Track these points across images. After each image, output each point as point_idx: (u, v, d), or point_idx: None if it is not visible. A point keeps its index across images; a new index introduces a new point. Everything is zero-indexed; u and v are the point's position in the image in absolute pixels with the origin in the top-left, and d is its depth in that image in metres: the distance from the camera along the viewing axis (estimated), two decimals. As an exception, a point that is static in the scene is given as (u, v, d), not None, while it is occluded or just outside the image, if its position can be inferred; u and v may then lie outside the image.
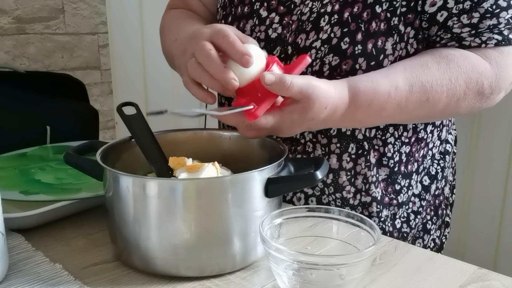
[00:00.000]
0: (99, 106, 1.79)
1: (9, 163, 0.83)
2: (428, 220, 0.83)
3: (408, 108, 0.65)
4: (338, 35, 0.68)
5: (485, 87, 0.66)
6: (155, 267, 0.54)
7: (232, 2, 0.80)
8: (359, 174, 0.74)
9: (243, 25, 0.78)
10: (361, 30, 0.67)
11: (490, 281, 0.54)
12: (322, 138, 0.74)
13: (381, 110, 0.64)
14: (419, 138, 0.77)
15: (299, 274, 0.48)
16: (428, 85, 0.64)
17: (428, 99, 0.64)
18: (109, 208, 0.57)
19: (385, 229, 0.77)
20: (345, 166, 0.74)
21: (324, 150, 0.74)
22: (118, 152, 0.65)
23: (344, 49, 0.68)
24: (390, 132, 0.74)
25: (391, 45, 0.67)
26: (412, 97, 0.64)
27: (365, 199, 0.75)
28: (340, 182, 0.75)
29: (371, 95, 0.63)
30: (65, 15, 1.66)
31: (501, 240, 1.12)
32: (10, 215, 0.62)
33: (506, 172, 1.09)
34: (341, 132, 0.73)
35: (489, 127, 1.10)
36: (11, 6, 1.53)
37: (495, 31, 0.65)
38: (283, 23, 0.74)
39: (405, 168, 0.76)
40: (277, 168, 0.57)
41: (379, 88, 0.63)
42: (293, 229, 0.56)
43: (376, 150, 0.74)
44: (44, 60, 1.63)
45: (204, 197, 0.53)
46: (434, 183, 0.82)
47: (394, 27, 0.67)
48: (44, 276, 0.54)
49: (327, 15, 0.69)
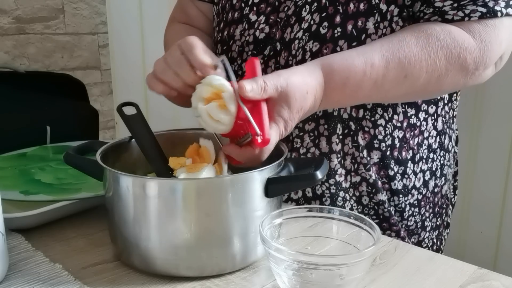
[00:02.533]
0: (99, 106, 1.79)
1: (9, 163, 0.83)
2: (427, 218, 0.83)
3: (385, 87, 0.63)
4: (317, 21, 0.68)
5: (468, 62, 0.64)
6: (155, 267, 0.54)
7: (224, 9, 0.81)
8: (347, 155, 0.74)
9: (233, 30, 0.78)
10: (339, 12, 0.67)
11: (490, 281, 0.54)
12: (309, 124, 0.74)
13: (358, 89, 0.63)
14: (411, 124, 0.76)
15: (299, 274, 0.48)
16: (405, 61, 0.62)
17: (406, 76, 0.63)
18: (109, 208, 0.57)
19: (378, 212, 0.77)
20: (334, 148, 0.74)
21: (313, 134, 0.74)
22: (118, 152, 0.65)
23: (324, 33, 0.68)
24: (379, 114, 0.73)
25: (373, 24, 0.66)
26: (389, 74, 0.62)
27: (355, 179, 0.75)
28: (332, 166, 0.74)
29: (346, 74, 0.62)
30: (65, 15, 1.66)
31: (501, 240, 1.12)
32: (10, 215, 0.62)
33: (506, 172, 1.09)
34: (327, 113, 0.73)
35: (489, 127, 1.10)
36: (11, 6, 1.53)
37: (479, 3, 0.62)
38: (269, 22, 0.74)
39: (398, 153, 0.76)
40: (277, 168, 0.57)
41: (354, 66, 0.62)
42: (293, 229, 0.56)
43: (366, 132, 0.74)
44: (44, 60, 1.63)
45: (204, 197, 0.53)
46: (433, 180, 0.82)
47: (375, 6, 0.66)
48: (44, 276, 0.54)
49: (308, 5, 0.70)
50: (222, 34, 0.81)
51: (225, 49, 0.80)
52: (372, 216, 0.78)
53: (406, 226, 0.80)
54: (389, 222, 0.78)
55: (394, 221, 0.78)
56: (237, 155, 0.59)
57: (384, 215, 0.77)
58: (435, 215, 0.84)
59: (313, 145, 0.75)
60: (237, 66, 0.79)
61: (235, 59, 0.79)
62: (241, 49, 0.78)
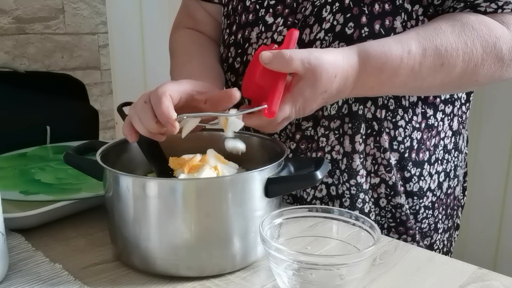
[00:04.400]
0: (99, 106, 1.79)
1: (9, 163, 0.83)
2: (439, 220, 0.82)
3: (422, 74, 0.63)
4: (341, 22, 0.67)
5: (504, 53, 0.63)
6: (155, 267, 0.54)
7: (236, 11, 0.79)
8: (368, 155, 0.74)
9: (248, 33, 0.76)
10: (365, 13, 0.66)
11: (490, 281, 0.54)
12: (334, 122, 0.73)
13: (394, 75, 0.62)
14: (429, 125, 0.75)
15: (299, 274, 0.48)
16: (442, 49, 0.61)
17: (443, 64, 0.62)
18: (109, 208, 0.57)
19: (396, 215, 0.76)
20: (357, 148, 0.73)
21: (338, 132, 0.73)
22: (118, 152, 0.65)
23: (350, 34, 0.67)
24: (400, 115, 0.72)
25: (400, 23, 0.66)
26: (426, 61, 0.62)
27: (374, 180, 0.75)
28: (354, 167, 0.74)
29: (383, 59, 0.61)
30: (65, 15, 1.66)
31: (501, 240, 1.12)
32: (10, 215, 0.62)
33: (506, 172, 1.09)
34: (352, 111, 0.72)
35: (489, 127, 1.10)
36: (11, 6, 1.53)
37: None
38: (288, 24, 0.73)
39: (416, 155, 0.75)
40: (277, 168, 0.57)
41: (391, 52, 0.61)
42: (293, 229, 0.56)
43: (387, 133, 0.73)
44: (44, 60, 1.63)
45: (204, 197, 0.53)
46: (447, 181, 0.81)
47: (399, 6, 0.66)
48: (44, 276, 0.54)
49: (329, 5, 0.68)
50: (235, 37, 0.79)
51: (239, 52, 0.78)
52: (389, 220, 0.77)
53: (420, 228, 0.79)
54: (405, 226, 0.77)
55: (411, 225, 0.77)
56: (249, 120, 0.61)
57: (401, 219, 0.77)
58: (447, 217, 0.83)
59: (337, 143, 0.74)
60: None
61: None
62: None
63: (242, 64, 0.78)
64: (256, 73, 0.59)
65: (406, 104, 0.73)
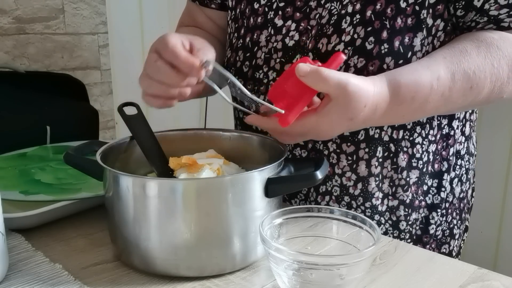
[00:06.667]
0: (99, 106, 1.79)
1: (9, 163, 0.83)
2: (454, 225, 0.81)
3: (452, 98, 0.62)
4: (362, 35, 0.65)
5: None
6: (155, 267, 0.54)
7: (244, 14, 0.78)
8: (385, 178, 0.72)
9: (257, 36, 0.75)
10: (386, 27, 0.65)
11: (490, 281, 0.54)
12: (348, 146, 0.71)
13: (425, 102, 0.61)
14: (443, 135, 0.74)
15: (299, 274, 0.48)
16: (470, 72, 0.61)
17: (472, 87, 0.62)
18: (109, 208, 0.57)
19: (411, 232, 0.76)
20: (374, 171, 0.72)
21: (351, 158, 0.71)
22: (118, 152, 0.65)
23: (370, 49, 0.65)
24: (417, 132, 0.72)
25: (420, 40, 0.65)
26: (456, 86, 0.61)
27: (392, 203, 0.74)
28: (369, 190, 0.72)
29: (414, 88, 0.60)
30: (65, 15, 1.66)
31: (501, 240, 1.12)
32: (10, 215, 0.62)
33: (506, 172, 1.09)
34: (369, 136, 0.70)
35: (489, 127, 1.10)
36: (11, 6, 1.53)
37: None
38: (300, 29, 0.71)
39: (431, 167, 0.74)
40: (277, 168, 0.57)
41: (421, 80, 0.60)
42: (293, 229, 0.56)
43: (405, 152, 0.72)
44: (44, 60, 1.63)
45: (204, 197, 0.53)
46: (459, 185, 0.80)
47: (423, 20, 0.65)
48: (44, 276, 0.54)
49: (349, 16, 0.67)
50: (243, 40, 0.77)
51: (248, 56, 0.76)
52: (407, 240, 0.76)
53: (434, 236, 0.78)
54: (422, 242, 0.76)
55: (427, 240, 0.77)
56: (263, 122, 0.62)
57: (417, 234, 0.76)
58: (462, 222, 0.83)
59: (349, 169, 0.72)
60: (262, 74, 0.75)
61: (260, 66, 0.75)
62: (268, 56, 0.74)
63: (251, 68, 0.76)
64: (288, 79, 0.59)
65: (423, 120, 0.72)
